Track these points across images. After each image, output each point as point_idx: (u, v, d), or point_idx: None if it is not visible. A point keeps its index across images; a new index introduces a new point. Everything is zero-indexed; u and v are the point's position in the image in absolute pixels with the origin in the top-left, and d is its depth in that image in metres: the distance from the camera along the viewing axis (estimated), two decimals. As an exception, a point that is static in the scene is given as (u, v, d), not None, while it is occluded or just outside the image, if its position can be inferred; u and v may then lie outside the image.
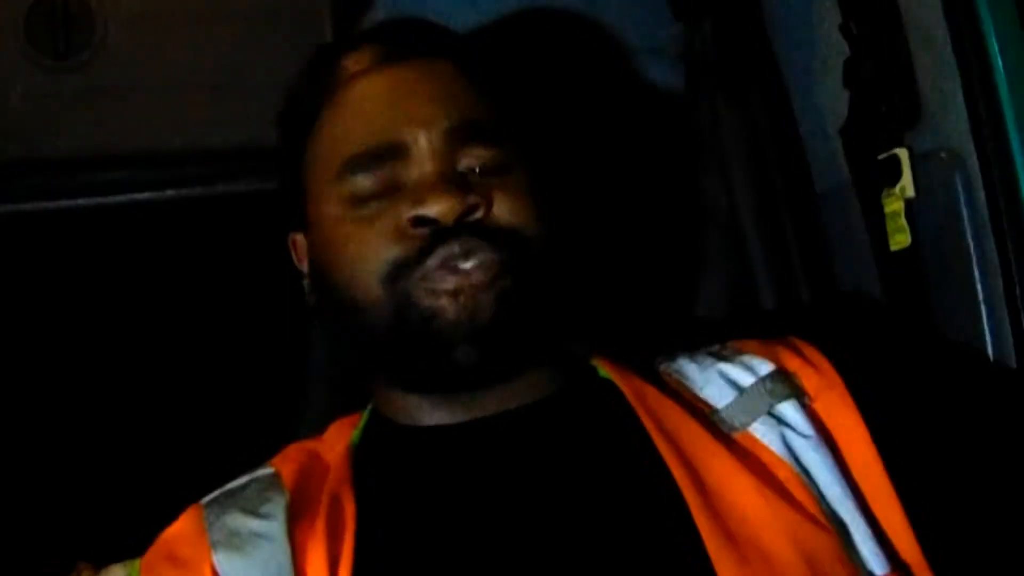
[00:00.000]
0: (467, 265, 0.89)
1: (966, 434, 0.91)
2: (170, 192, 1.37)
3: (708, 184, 1.40)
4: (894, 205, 1.12)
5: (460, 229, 0.89)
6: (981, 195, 1.03)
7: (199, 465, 1.04)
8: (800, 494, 0.85)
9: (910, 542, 0.84)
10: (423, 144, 0.93)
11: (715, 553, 0.80)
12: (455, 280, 0.88)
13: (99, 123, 1.29)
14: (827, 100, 1.27)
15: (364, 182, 0.93)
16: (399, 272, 0.90)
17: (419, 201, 0.90)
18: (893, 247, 1.13)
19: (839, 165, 1.23)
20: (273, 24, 1.32)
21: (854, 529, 0.83)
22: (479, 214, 0.91)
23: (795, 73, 1.35)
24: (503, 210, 0.92)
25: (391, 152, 0.93)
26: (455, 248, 0.89)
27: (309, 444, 1.01)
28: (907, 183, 1.10)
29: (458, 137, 0.94)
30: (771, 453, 0.88)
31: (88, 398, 1.50)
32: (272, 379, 1.43)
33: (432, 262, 0.89)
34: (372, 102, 0.96)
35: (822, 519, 0.83)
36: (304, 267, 1.03)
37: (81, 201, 1.35)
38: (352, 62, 1.00)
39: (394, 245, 0.90)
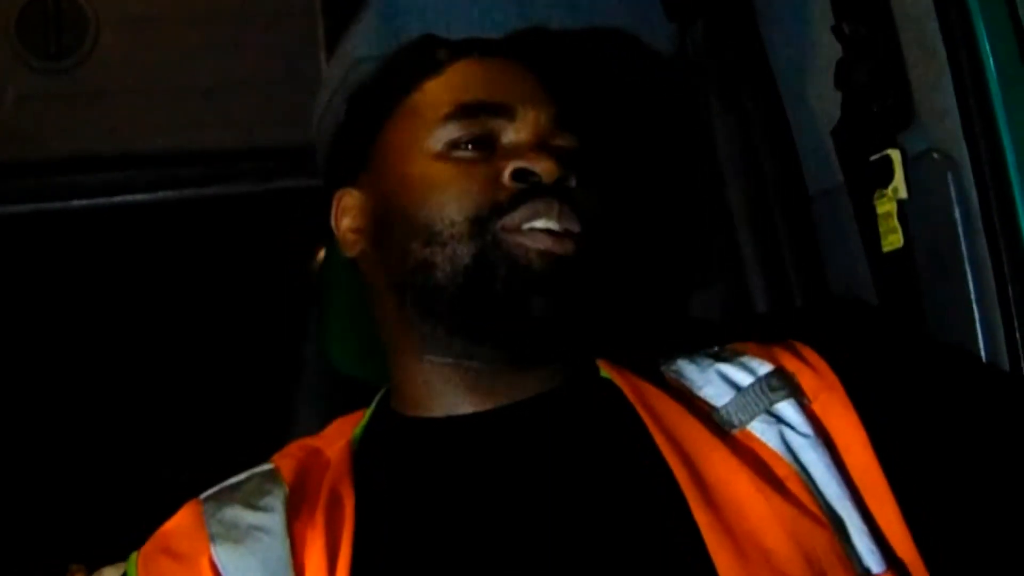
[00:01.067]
0: (555, 226, 0.93)
1: (961, 435, 0.91)
2: (163, 193, 1.37)
3: (700, 186, 1.40)
4: (886, 206, 1.12)
5: (559, 191, 0.94)
6: (973, 196, 1.03)
7: (197, 465, 1.04)
8: (798, 491, 0.85)
9: (906, 541, 0.84)
10: (530, 114, 0.99)
11: (714, 548, 0.81)
12: (548, 242, 0.92)
13: (91, 124, 1.29)
14: (819, 101, 1.27)
15: (465, 129, 0.98)
16: (490, 215, 0.93)
17: (522, 157, 0.95)
18: (886, 248, 1.13)
19: (831, 166, 1.23)
20: (265, 26, 1.32)
21: (851, 527, 0.84)
22: (571, 183, 0.97)
23: (787, 74, 1.35)
24: (584, 193, 0.98)
25: (501, 110, 0.99)
26: (553, 203, 0.93)
27: (309, 441, 1.02)
28: (899, 184, 1.10)
29: (557, 123, 1.00)
30: (770, 450, 0.88)
31: (83, 398, 1.50)
32: (271, 378, 1.43)
33: (526, 210, 0.93)
34: (486, 75, 1.02)
35: (820, 515, 0.84)
36: (346, 222, 1.05)
37: (73, 202, 1.35)
38: (466, 46, 1.06)
39: (489, 190, 0.94)
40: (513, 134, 0.98)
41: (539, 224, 0.93)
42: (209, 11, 1.33)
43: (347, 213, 1.05)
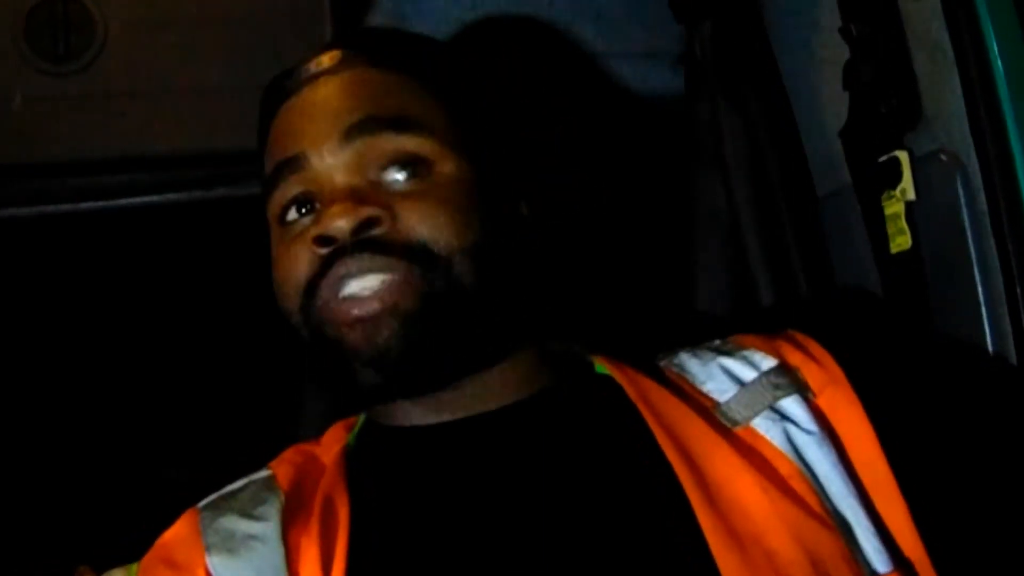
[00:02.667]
0: (365, 283, 0.86)
1: (969, 431, 0.90)
2: (170, 196, 1.37)
3: (708, 187, 1.40)
4: (894, 207, 1.12)
5: (356, 247, 0.87)
6: (981, 197, 1.03)
7: (199, 468, 1.05)
8: (802, 490, 0.84)
9: (913, 540, 0.83)
10: (322, 153, 0.91)
11: (718, 550, 0.80)
12: (355, 312, 0.86)
13: (99, 127, 1.29)
14: (827, 102, 1.27)
15: (280, 197, 0.93)
16: (307, 297, 0.89)
17: (319, 220, 0.89)
18: (894, 249, 1.13)
19: (839, 167, 1.23)
20: (273, 27, 1.32)
21: (857, 526, 0.83)
22: (379, 228, 0.88)
23: (795, 75, 1.35)
24: (411, 219, 0.88)
25: (291, 165, 0.92)
26: (349, 267, 0.87)
27: (307, 446, 1.01)
28: (907, 185, 1.10)
29: (356, 133, 0.91)
30: (773, 448, 0.87)
31: (88, 402, 1.50)
32: (271, 382, 1.43)
33: (329, 281, 0.88)
34: (284, 125, 0.96)
35: (825, 516, 0.83)
36: None
37: (81, 205, 1.35)
38: (287, 86, 0.98)
39: (304, 268, 0.89)
40: (320, 181, 0.91)
41: (347, 290, 0.87)
42: (217, 14, 1.33)
43: None
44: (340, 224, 0.86)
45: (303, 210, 0.92)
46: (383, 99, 0.93)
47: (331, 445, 0.99)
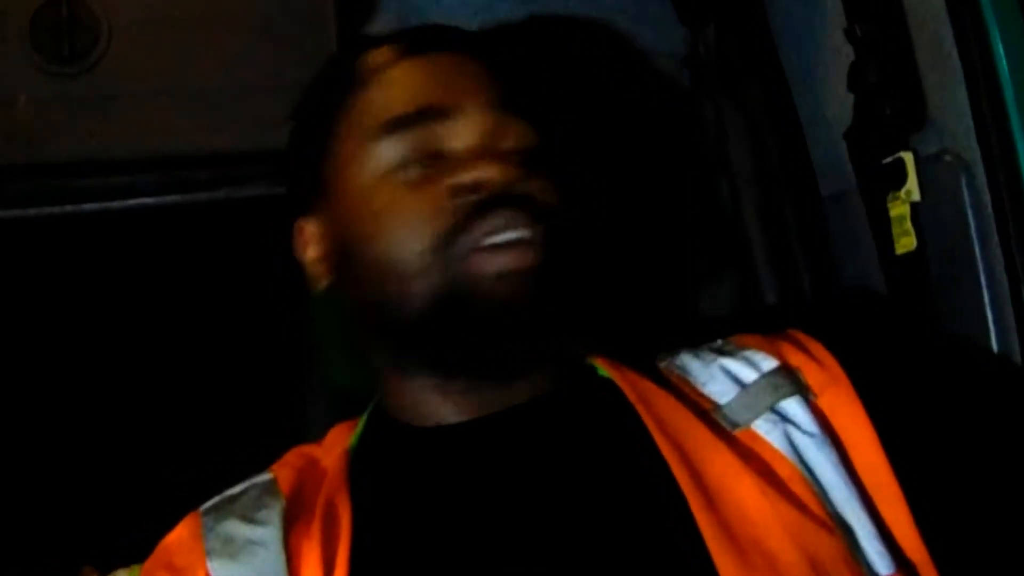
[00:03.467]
0: (512, 236, 0.88)
1: (971, 433, 0.90)
2: (174, 197, 1.37)
3: (713, 188, 1.40)
4: (899, 209, 1.11)
5: (506, 200, 0.89)
6: (987, 198, 1.03)
7: (203, 470, 1.04)
8: (803, 493, 0.84)
9: (915, 541, 0.83)
10: (471, 112, 0.94)
11: (718, 554, 0.79)
12: (505, 260, 0.88)
13: (104, 128, 1.29)
14: (832, 104, 1.27)
15: (404, 144, 0.93)
16: (445, 243, 0.89)
17: (464, 168, 0.90)
18: (899, 251, 1.13)
19: (844, 169, 1.23)
20: (278, 29, 1.32)
21: (858, 529, 0.83)
22: (522, 188, 0.90)
23: (799, 77, 1.35)
24: (540, 191, 0.92)
25: (435, 113, 0.93)
26: (499, 219, 0.88)
27: (308, 449, 1.01)
28: (912, 186, 1.10)
29: (502, 113, 0.95)
30: (774, 451, 0.87)
31: (90, 403, 1.50)
32: (276, 383, 1.43)
33: (482, 228, 0.88)
34: (415, 77, 0.97)
35: (826, 519, 0.82)
36: (311, 252, 1.01)
37: (86, 206, 1.35)
38: (380, 54, 1.00)
39: (439, 214, 0.89)
40: (455, 140, 0.93)
41: (496, 240, 0.88)
42: (221, 16, 1.33)
43: (310, 243, 1.01)
44: (492, 175, 0.89)
45: (421, 162, 0.93)
46: (514, 85, 0.98)
47: (333, 447, 0.99)
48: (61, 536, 1.41)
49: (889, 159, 1.12)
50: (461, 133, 0.93)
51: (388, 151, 0.93)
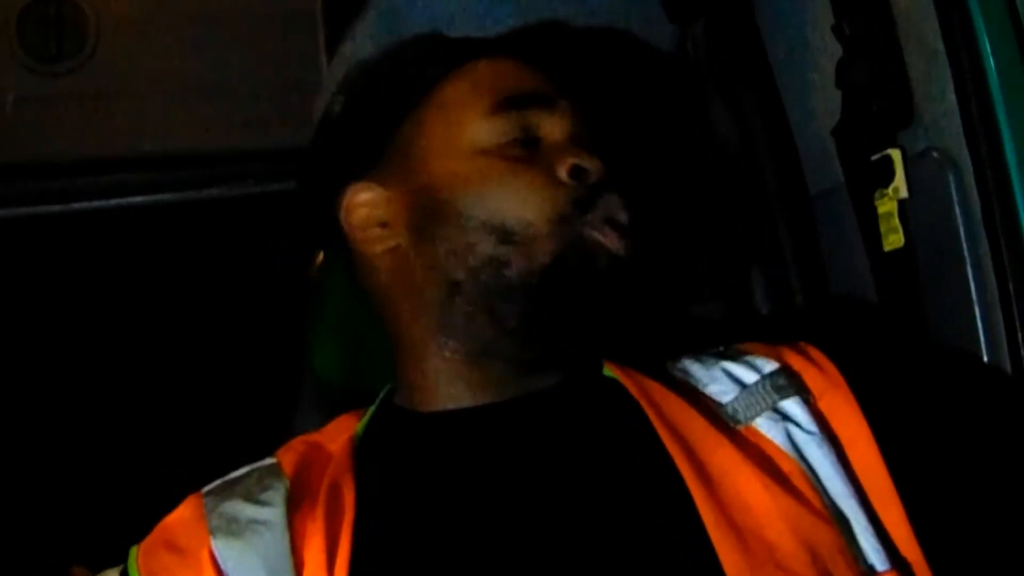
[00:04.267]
0: (623, 218, 0.96)
1: (964, 434, 0.91)
2: (163, 195, 1.37)
3: (701, 186, 1.40)
4: (887, 206, 1.12)
5: (610, 187, 0.97)
6: (974, 195, 1.03)
7: (200, 466, 1.04)
8: (803, 487, 0.85)
9: (910, 540, 0.84)
10: (565, 107, 1.02)
11: (719, 543, 0.80)
12: (617, 240, 0.95)
13: (91, 127, 1.29)
14: (820, 101, 1.27)
15: (511, 123, 0.99)
16: (572, 214, 0.95)
17: (574, 155, 0.96)
18: (887, 248, 1.13)
19: (832, 166, 1.23)
20: (265, 27, 1.32)
21: (855, 524, 0.83)
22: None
23: (788, 74, 1.35)
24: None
25: (542, 101, 1.00)
26: (615, 200, 0.96)
27: (312, 436, 1.01)
28: (900, 184, 1.10)
29: (583, 120, 1.03)
30: (775, 446, 0.88)
31: (86, 400, 1.50)
32: (270, 379, 1.43)
33: (598, 212, 0.95)
34: (512, 69, 1.04)
35: (824, 512, 0.83)
36: (365, 216, 1.02)
37: (74, 205, 1.35)
38: (483, 44, 1.09)
39: (557, 189, 0.95)
40: (552, 129, 1.00)
41: (617, 216, 0.96)
42: (209, 14, 1.33)
43: (363, 207, 1.02)
44: (598, 164, 0.97)
45: (523, 145, 0.99)
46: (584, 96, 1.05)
47: (338, 434, 0.99)
48: (52, 535, 1.40)
49: (877, 156, 1.12)
50: (560, 125, 1.00)
51: (496, 127, 0.99)
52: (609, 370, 0.99)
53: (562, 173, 0.96)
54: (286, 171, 1.08)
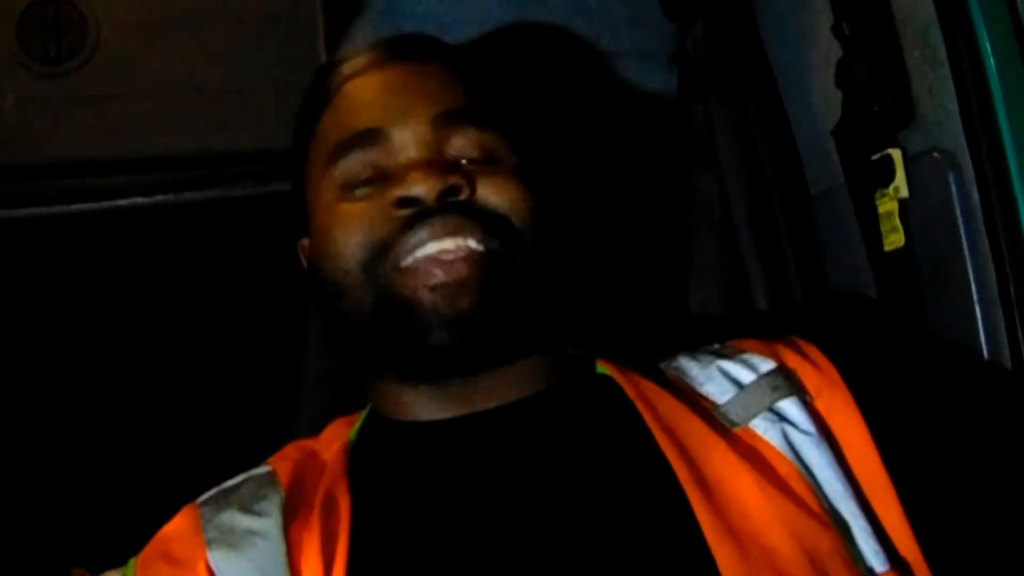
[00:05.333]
0: (448, 245, 0.89)
1: (963, 433, 0.91)
2: (164, 196, 1.37)
3: (701, 185, 1.40)
4: (888, 205, 1.12)
5: (443, 208, 0.90)
6: (975, 194, 1.03)
7: (199, 467, 1.04)
8: (800, 489, 0.84)
9: (909, 540, 0.83)
10: (406, 132, 0.95)
11: (716, 547, 0.80)
12: (439, 274, 0.88)
13: (92, 128, 1.29)
14: (820, 101, 1.27)
15: (350, 166, 0.95)
16: (378, 256, 0.91)
17: (401, 182, 0.91)
18: (887, 247, 1.13)
19: (832, 166, 1.23)
20: (265, 28, 1.32)
21: (854, 526, 0.83)
22: (463, 195, 0.91)
23: (788, 74, 1.35)
24: (490, 194, 0.93)
25: (373, 138, 0.95)
26: (435, 228, 0.89)
27: (306, 443, 1.01)
28: (901, 183, 1.10)
29: (442, 123, 0.96)
30: (772, 448, 0.87)
31: (82, 403, 1.50)
32: (269, 381, 1.43)
33: (411, 240, 0.89)
34: (362, 97, 0.99)
35: (822, 514, 0.83)
36: (306, 270, 1.05)
37: (74, 206, 1.35)
38: (348, 67, 1.03)
39: (376, 227, 0.91)
40: (397, 155, 0.95)
41: (428, 250, 0.89)
42: (209, 15, 1.33)
43: (305, 260, 1.05)
44: (426, 187, 0.90)
45: (367, 181, 0.95)
46: (463, 94, 0.99)
47: (331, 441, 0.99)
48: (53, 536, 1.40)
49: (877, 156, 1.13)
50: (401, 148, 0.95)
51: (338, 173, 0.96)
52: (603, 368, 0.98)
53: (389, 208, 0.91)
54: (286, 172, 1.08)
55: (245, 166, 1.35)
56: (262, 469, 0.97)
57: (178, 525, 0.93)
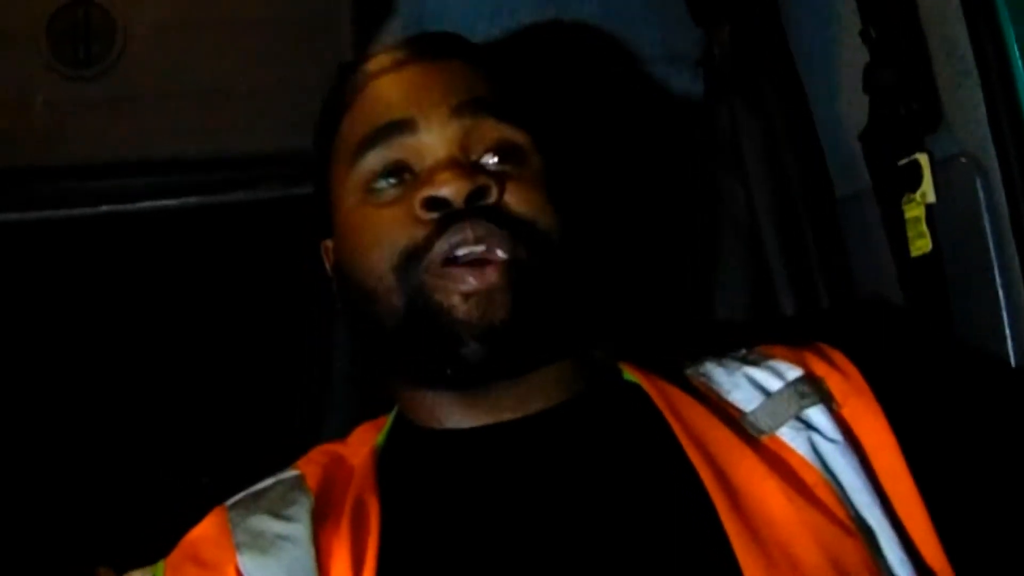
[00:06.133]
0: (478, 249, 0.88)
1: (991, 443, 0.90)
2: (191, 199, 1.38)
3: (727, 189, 1.40)
4: (915, 211, 1.11)
5: (472, 212, 0.89)
6: (1002, 199, 1.02)
7: (225, 468, 1.05)
8: (827, 498, 0.84)
9: (936, 550, 0.83)
10: (431, 124, 0.94)
11: (743, 557, 0.79)
12: (472, 282, 0.87)
13: (119, 131, 1.30)
14: (846, 105, 1.27)
15: (376, 161, 0.94)
16: (410, 260, 0.90)
17: (430, 183, 0.90)
18: (914, 253, 1.12)
19: (859, 170, 1.23)
20: (294, 32, 1.33)
21: (881, 535, 0.83)
22: (491, 198, 0.90)
23: (814, 78, 1.35)
24: (517, 199, 0.92)
25: (398, 130, 0.94)
26: (467, 232, 0.88)
27: (333, 447, 1.01)
28: (927, 188, 1.10)
29: (466, 112, 0.95)
30: (799, 457, 0.87)
31: (107, 407, 1.51)
32: (297, 383, 1.43)
33: (443, 245, 0.88)
34: (386, 93, 0.98)
35: (849, 524, 0.82)
36: (331, 273, 1.04)
37: (101, 208, 1.36)
38: (371, 66, 1.02)
39: (406, 231, 0.90)
40: (423, 151, 0.94)
41: (460, 253, 0.88)
42: (236, 19, 1.34)
43: (330, 262, 1.05)
44: (454, 189, 0.88)
45: (392, 180, 0.94)
46: (488, 88, 0.98)
47: (359, 446, 0.99)
48: (79, 536, 1.41)
49: (904, 161, 1.12)
50: (427, 145, 0.94)
51: (362, 171, 0.95)
52: (630, 374, 0.98)
53: (417, 210, 0.90)
54: (312, 174, 1.08)
55: (272, 169, 1.35)
56: (291, 473, 0.97)
57: (207, 528, 0.93)
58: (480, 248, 0.88)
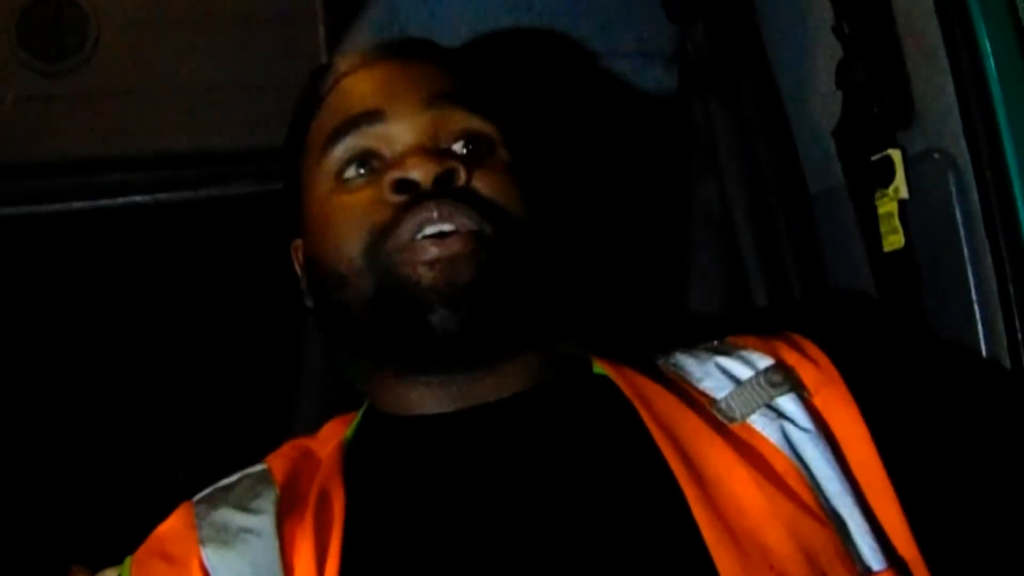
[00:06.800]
0: (445, 227, 0.89)
1: (962, 431, 0.90)
2: (163, 195, 1.37)
3: (701, 185, 1.40)
4: (887, 206, 1.12)
5: (440, 193, 0.90)
6: (974, 195, 1.03)
7: (197, 466, 1.04)
8: (798, 487, 0.84)
9: (907, 539, 0.83)
10: (402, 114, 0.95)
11: (714, 545, 0.79)
12: (434, 250, 0.88)
13: (92, 126, 1.29)
14: (820, 101, 1.27)
15: (344, 150, 0.96)
16: (378, 241, 0.90)
17: (398, 165, 0.91)
18: (886, 248, 1.13)
19: (832, 166, 1.23)
20: (266, 27, 1.33)
21: (852, 524, 0.83)
22: (459, 181, 0.92)
23: (788, 74, 1.35)
24: (485, 184, 0.93)
25: (368, 118, 0.96)
26: (432, 211, 0.89)
27: (303, 441, 1.01)
28: (900, 184, 1.10)
29: (436, 105, 0.96)
30: (770, 444, 0.87)
31: (82, 401, 1.50)
32: (267, 380, 1.43)
33: (409, 224, 0.89)
34: (357, 89, 1.00)
35: (820, 512, 0.83)
36: (300, 272, 1.05)
37: (74, 204, 1.35)
38: (343, 65, 1.03)
39: (374, 213, 0.91)
40: (393, 141, 0.95)
41: (427, 232, 0.89)
42: (210, 14, 1.33)
43: (299, 261, 1.05)
44: (423, 171, 0.90)
45: (362, 170, 0.95)
46: (457, 84, 0.99)
47: (328, 440, 0.99)
48: (53, 534, 1.40)
49: (877, 156, 1.13)
50: (397, 133, 0.95)
51: (332, 160, 0.96)
52: (600, 367, 0.98)
53: (386, 193, 0.91)
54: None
55: (245, 165, 1.35)
56: (258, 467, 0.97)
57: (173, 523, 0.93)
58: (447, 226, 0.89)
